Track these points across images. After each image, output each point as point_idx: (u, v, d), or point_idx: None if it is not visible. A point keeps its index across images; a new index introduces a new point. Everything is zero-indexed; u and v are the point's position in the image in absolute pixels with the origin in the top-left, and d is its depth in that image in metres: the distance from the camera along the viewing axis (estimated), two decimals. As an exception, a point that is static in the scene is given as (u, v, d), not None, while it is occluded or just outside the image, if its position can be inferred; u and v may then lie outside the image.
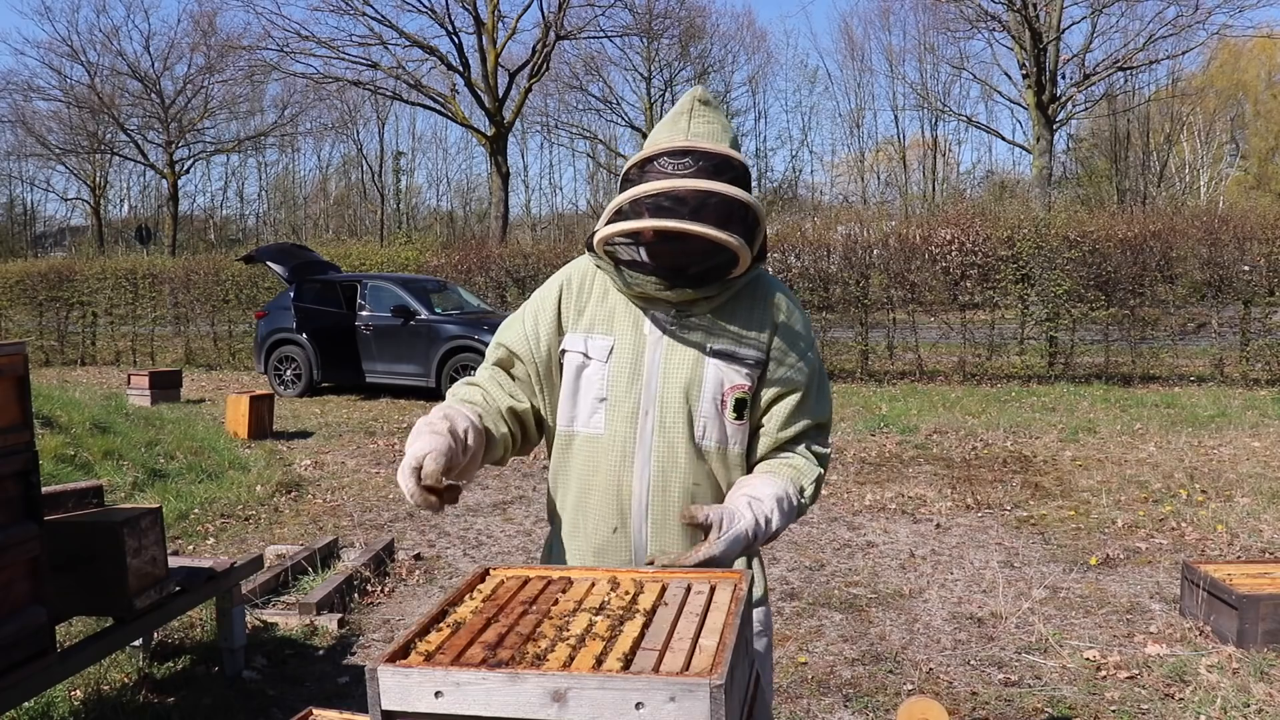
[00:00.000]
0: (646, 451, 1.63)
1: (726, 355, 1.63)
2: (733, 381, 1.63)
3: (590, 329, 1.67)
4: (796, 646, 3.89)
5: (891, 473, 7.20)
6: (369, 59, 25.36)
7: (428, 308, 11.95)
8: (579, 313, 1.70)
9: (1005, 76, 30.14)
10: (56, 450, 6.27)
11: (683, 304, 1.63)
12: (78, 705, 3.32)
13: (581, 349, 1.67)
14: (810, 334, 1.74)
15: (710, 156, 1.53)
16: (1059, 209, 20.52)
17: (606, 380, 1.64)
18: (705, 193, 1.48)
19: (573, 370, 1.68)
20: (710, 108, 1.62)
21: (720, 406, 1.63)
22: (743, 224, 1.51)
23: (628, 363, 1.64)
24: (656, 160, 1.54)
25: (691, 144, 1.54)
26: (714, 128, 1.58)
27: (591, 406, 1.66)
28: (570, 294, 1.71)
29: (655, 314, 1.64)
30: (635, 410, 1.63)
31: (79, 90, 34.76)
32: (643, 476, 1.63)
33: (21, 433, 2.56)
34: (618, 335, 1.65)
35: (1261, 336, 11.88)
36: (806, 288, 13.48)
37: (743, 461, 1.69)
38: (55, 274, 18.71)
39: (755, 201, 1.53)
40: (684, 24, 31.92)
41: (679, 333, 1.63)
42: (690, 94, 1.64)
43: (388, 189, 43.29)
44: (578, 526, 1.69)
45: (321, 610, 4.21)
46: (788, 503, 1.59)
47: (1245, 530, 5.40)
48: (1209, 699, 3.28)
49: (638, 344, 1.64)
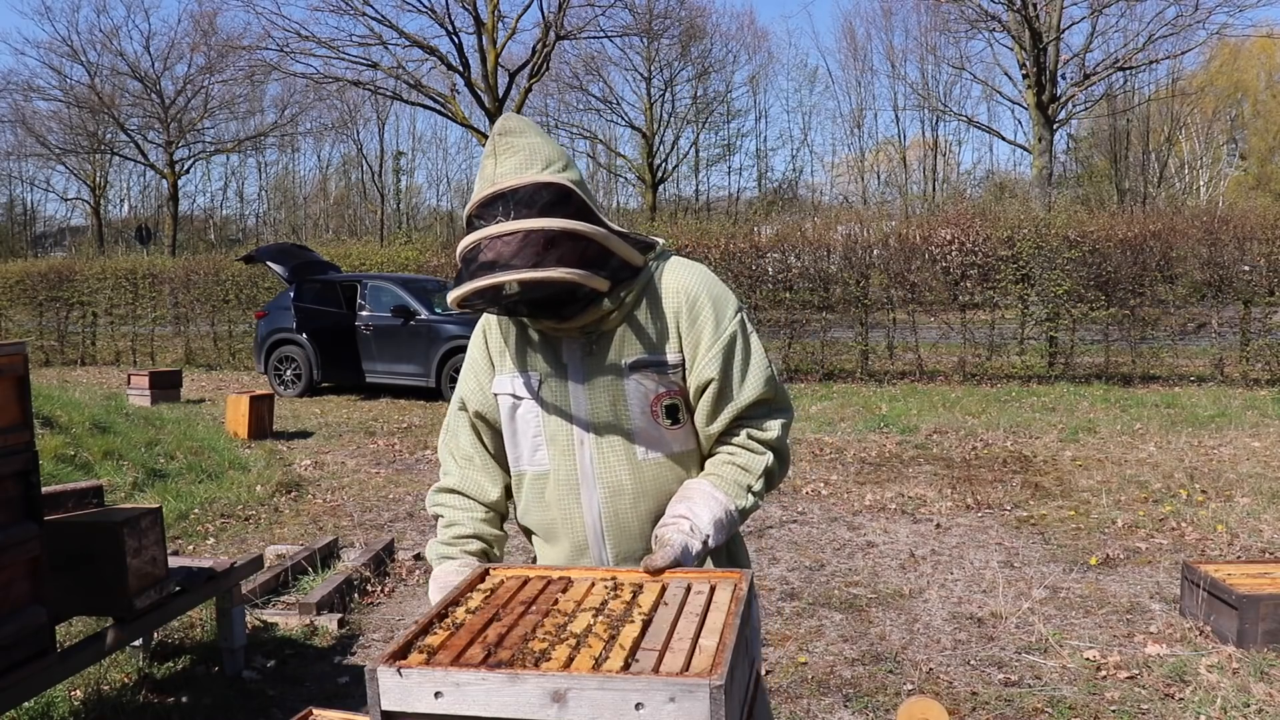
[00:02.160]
0: (591, 479, 1.62)
1: (643, 366, 1.60)
2: (656, 391, 1.60)
3: (514, 369, 1.67)
4: (796, 646, 3.89)
5: (891, 473, 7.20)
6: (369, 59, 25.35)
7: (428, 308, 11.95)
8: (500, 354, 1.70)
9: (1005, 76, 30.10)
10: (56, 450, 6.27)
11: (587, 327, 1.60)
12: (78, 705, 3.32)
13: (509, 390, 1.67)
14: (725, 309, 1.62)
15: (517, 192, 1.47)
16: (1059, 209, 20.50)
17: (539, 416, 1.64)
18: (515, 233, 1.43)
19: (507, 411, 1.68)
20: (513, 134, 1.54)
21: (654, 418, 1.61)
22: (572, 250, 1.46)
23: (554, 396, 1.63)
24: (476, 219, 1.50)
25: (499, 186, 1.48)
26: (519, 158, 1.51)
27: (532, 444, 1.67)
28: (492, 336, 1.72)
29: (567, 342, 1.62)
30: (570, 441, 1.63)
31: (79, 90, 34.76)
32: (591, 506, 1.63)
33: (21, 433, 2.56)
34: (540, 370, 1.64)
35: (1261, 336, 11.88)
36: (806, 288, 13.48)
37: (695, 458, 1.67)
38: (55, 274, 18.71)
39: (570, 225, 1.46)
40: (684, 24, 31.92)
41: (594, 355, 1.61)
42: (493, 131, 1.57)
43: (388, 189, 43.29)
44: (550, 555, 1.74)
45: (321, 610, 4.21)
46: (727, 519, 1.56)
47: (1245, 530, 5.40)
48: (1209, 699, 3.28)
49: (560, 376, 1.63)
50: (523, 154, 1.51)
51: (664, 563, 1.44)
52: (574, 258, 1.46)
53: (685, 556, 1.48)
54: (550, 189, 1.48)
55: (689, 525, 1.52)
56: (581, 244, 1.47)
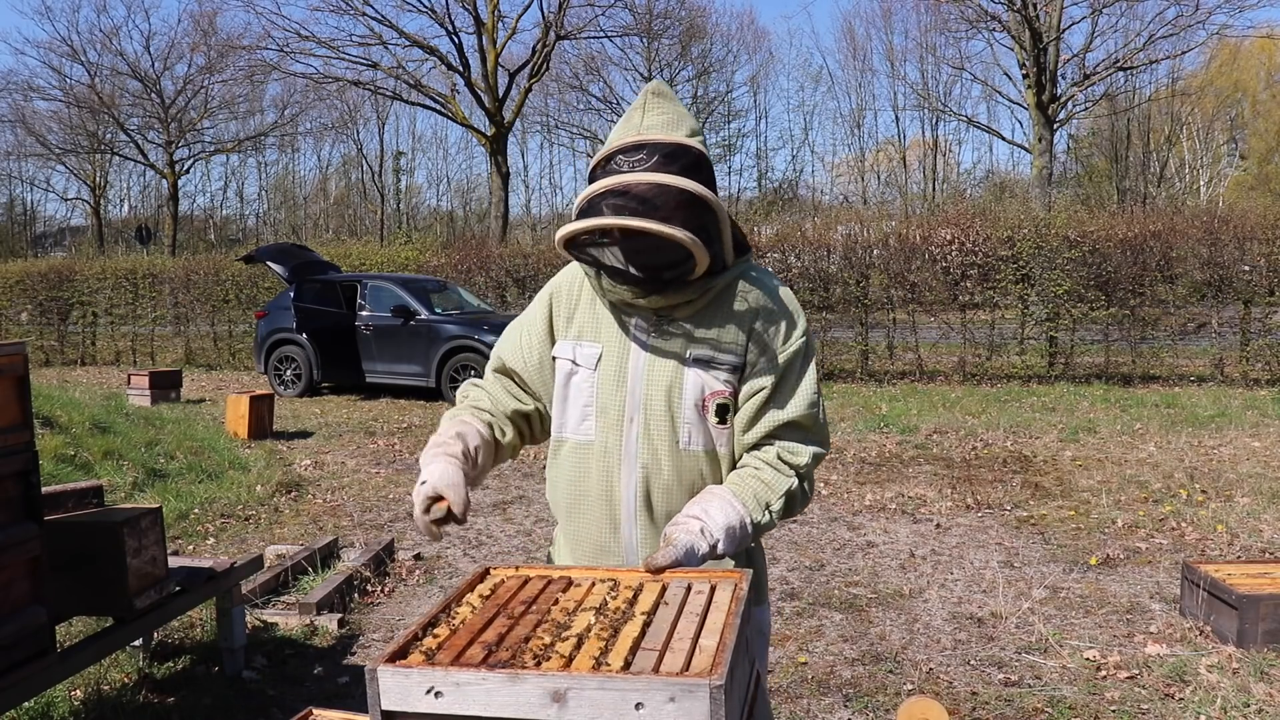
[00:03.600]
0: (633, 457, 1.63)
1: (705, 361, 1.61)
2: (712, 388, 1.61)
3: (579, 336, 1.68)
4: (796, 646, 3.89)
5: (891, 473, 7.20)
6: (369, 59, 25.38)
7: (428, 308, 11.95)
8: (568, 320, 1.70)
9: (1005, 76, 30.13)
10: (56, 450, 6.27)
11: (662, 309, 1.62)
12: (78, 705, 3.32)
13: (570, 356, 1.68)
14: (794, 330, 1.66)
15: (663, 146, 1.51)
16: (1059, 209, 20.51)
17: (594, 387, 1.65)
18: (654, 185, 1.47)
19: (562, 377, 1.69)
20: (665, 99, 1.60)
21: (702, 412, 1.62)
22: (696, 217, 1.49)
23: (613, 370, 1.64)
24: (613, 159, 1.53)
25: (644, 137, 1.53)
26: (667, 117, 1.56)
27: (580, 413, 1.66)
28: (560, 302, 1.73)
29: (638, 320, 1.64)
30: (621, 417, 1.63)
31: (79, 90, 34.78)
32: (629, 483, 1.63)
33: (21, 433, 2.56)
34: (605, 342, 1.65)
35: (1261, 336, 11.88)
36: (806, 288, 13.47)
37: (730, 462, 1.67)
38: (55, 274, 18.71)
39: (706, 194, 1.50)
40: (684, 24, 31.93)
41: (660, 339, 1.62)
42: (645, 89, 1.62)
43: (388, 189, 43.31)
44: (574, 527, 1.71)
45: (321, 610, 4.21)
46: (740, 530, 1.54)
47: (1245, 530, 5.40)
48: (1209, 699, 3.28)
49: (623, 351, 1.64)
50: (670, 115, 1.56)
51: (665, 562, 1.43)
52: (696, 225, 1.48)
53: (689, 557, 1.47)
54: (692, 153, 1.53)
55: (700, 527, 1.51)
56: (707, 215, 1.51)
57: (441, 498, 1.51)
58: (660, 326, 1.62)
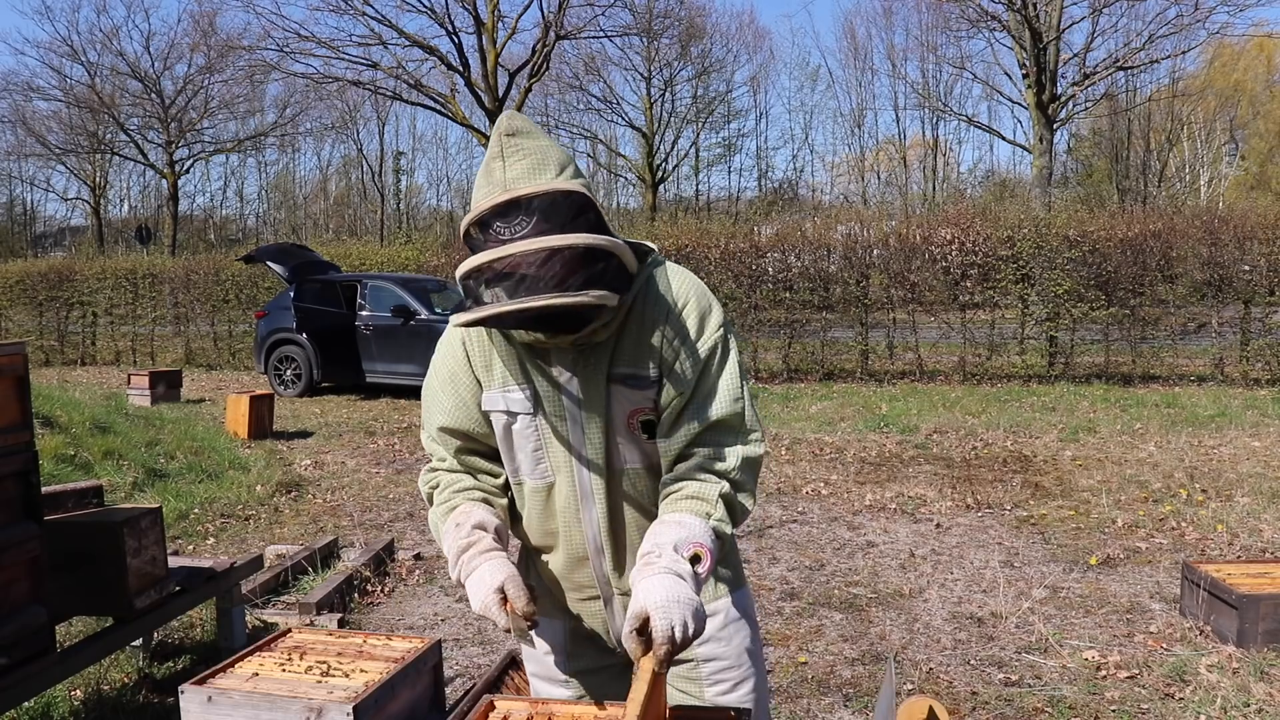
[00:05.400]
0: (589, 490, 1.60)
1: (625, 379, 1.55)
2: (634, 405, 1.56)
3: (505, 383, 1.59)
4: (796, 646, 3.89)
5: (891, 473, 7.20)
6: (369, 59, 25.35)
7: (428, 308, 11.95)
8: (487, 368, 1.61)
9: (1006, 76, 30.13)
10: (56, 450, 6.27)
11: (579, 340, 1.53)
12: (78, 705, 3.32)
13: (503, 407, 1.59)
14: (706, 324, 1.56)
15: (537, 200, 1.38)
16: (1059, 209, 20.50)
17: (539, 430, 1.59)
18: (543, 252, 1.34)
19: (501, 429, 1.61)
20: (521, 136, 1.45)
21: (631, 430, 1.57)
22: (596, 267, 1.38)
23: (552, 409, 1.58)
24: (490, 226, 1.39)
25: (515, 192, 1.38)
26: (530, 161, 1.42)
27: (532, 459, 1.61)
28: (473, 349, 1.61)
29: (559, 352, 1.55)
30: (569, 454, 1.59)
31: (79, 90, 34.77)
32: (590, 518, 1.61)
33: (21, 433, 2.56)
34: (534, 383, 1.57)
35: (1261, 336, 11.88)
36: (806, 287, 13.48)
37: None
38: (55, 274, 18.71)
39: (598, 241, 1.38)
40: (684, 24, 31.93)
41: (584, 366, 1.55)
42: (495, 130, 1.47)
43: (388, 189, 43.30)
44: (546, 555, 1.70)
45: (321, 610, 4.21)
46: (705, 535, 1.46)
47: (1245, 530, 5.40)
48: (1209, 699, 3.28)
49: (552, 388, 1.57)
50: (534, 157, 1.43)
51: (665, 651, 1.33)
52: (598, 276, 1.38)
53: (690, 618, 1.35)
54: (571, 199, 1.40)
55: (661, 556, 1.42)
56: (604, 261, 1.40)
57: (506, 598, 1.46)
58: (581, 355, 1.55)
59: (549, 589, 1.71)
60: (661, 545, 1.42)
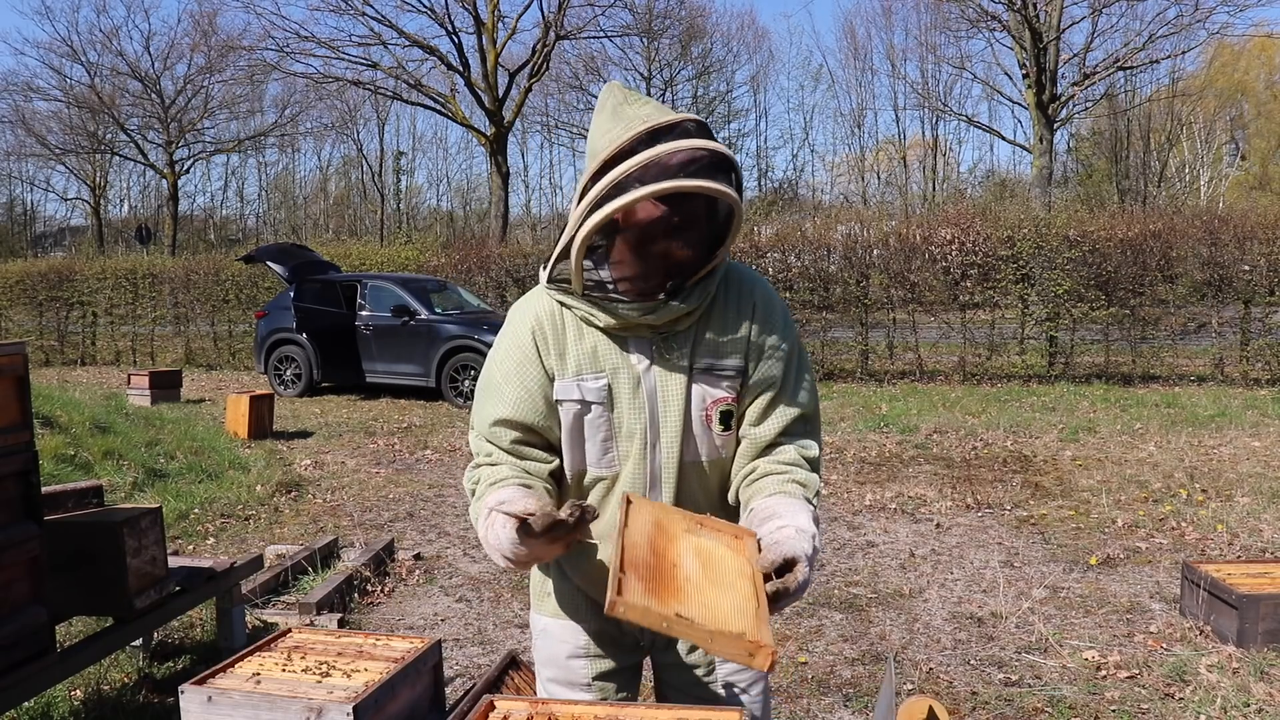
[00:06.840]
0: (659, 482, 1.58)
1: (707, 370, 1.56)
2: (714, 396, 1.56)
3: (579, 372, 1.56)
4: (796, 646, 3.89)
5: (891, 473, 7.20)
6: (369, 59, 25.36)
7: (428, 308, 11.95)
8: (560, 357, 1.57)
9: (1006, 76, 30.13)
10: (56, 450, 6.27)
11: (662, 326, 1.54)
12: (78, 705, 3.32)
13: (576, 396, 1.56)
14: (786, 321, 1.62)
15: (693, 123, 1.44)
16: (1059, 209, 20.51)
17: (612, 420, 1.57)
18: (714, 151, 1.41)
19: (571, 419, 1.58)
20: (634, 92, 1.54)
21: (706, 422, 1.57)
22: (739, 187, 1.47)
23: (627, 399, 1.56)
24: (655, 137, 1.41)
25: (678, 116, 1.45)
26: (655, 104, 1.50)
27: (601, 448, 1.58)
28: (544, 339, 1.58)
29: (637, 340, 1.55)
30: (644, 444, 1.57)
31: (79, 90, 34.78)
32: None
33: (21, 433, 2.56)
34: (610, 372, 1.56)
35: (1261, 336, 11.88)
36: (806, 287, 13.48)
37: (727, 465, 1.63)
38: (55, 274, 18.71)
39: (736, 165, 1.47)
40: (684, 24, 31.93)
41: (664, 355, 1.55)
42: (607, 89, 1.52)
43: (388, 189, 43.31)
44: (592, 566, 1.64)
45: (321, 610, 4.21)
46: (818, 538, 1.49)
47: (1245, 530, 5.40)
48: (1209, 699, 3.28)
49: (630, 377, 1.56)
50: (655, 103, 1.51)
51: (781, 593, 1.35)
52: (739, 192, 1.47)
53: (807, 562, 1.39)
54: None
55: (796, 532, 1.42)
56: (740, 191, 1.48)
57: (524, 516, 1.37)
58: (662, 342, 1.55)
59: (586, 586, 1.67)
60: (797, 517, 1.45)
